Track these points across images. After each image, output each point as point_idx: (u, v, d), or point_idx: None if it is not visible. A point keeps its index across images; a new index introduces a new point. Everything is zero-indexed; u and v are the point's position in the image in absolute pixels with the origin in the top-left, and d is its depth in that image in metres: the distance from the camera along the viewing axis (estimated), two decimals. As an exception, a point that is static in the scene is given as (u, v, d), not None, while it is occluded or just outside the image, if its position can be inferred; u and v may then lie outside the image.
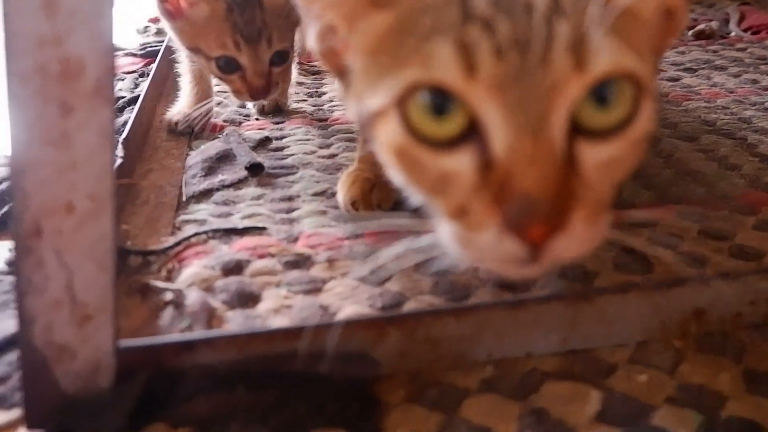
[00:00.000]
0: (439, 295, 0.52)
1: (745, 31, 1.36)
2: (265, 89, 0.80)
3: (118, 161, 0.66)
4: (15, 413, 0.41)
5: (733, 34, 1.36)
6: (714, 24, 1.36)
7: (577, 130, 0.35)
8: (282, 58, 0.81)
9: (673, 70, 1.11)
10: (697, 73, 1.09)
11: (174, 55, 0.93)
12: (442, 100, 0.35)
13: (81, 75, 0.33)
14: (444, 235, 0.37)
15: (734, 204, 0.66)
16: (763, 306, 0.47)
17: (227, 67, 0.78)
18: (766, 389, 0.42)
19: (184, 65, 0.87)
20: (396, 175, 0.40)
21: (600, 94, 0.35)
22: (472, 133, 0.35)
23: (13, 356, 0.46)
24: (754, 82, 1.04)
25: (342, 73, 0.43)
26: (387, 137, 0.37)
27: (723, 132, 0.84)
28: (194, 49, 0.80)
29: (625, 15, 0.35)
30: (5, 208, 0.66)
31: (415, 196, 0.40)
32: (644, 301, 0.45)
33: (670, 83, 1.04)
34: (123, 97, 0.99)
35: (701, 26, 1.35)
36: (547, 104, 0.33)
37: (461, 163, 0.35)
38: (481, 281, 0.54)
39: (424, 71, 0.35)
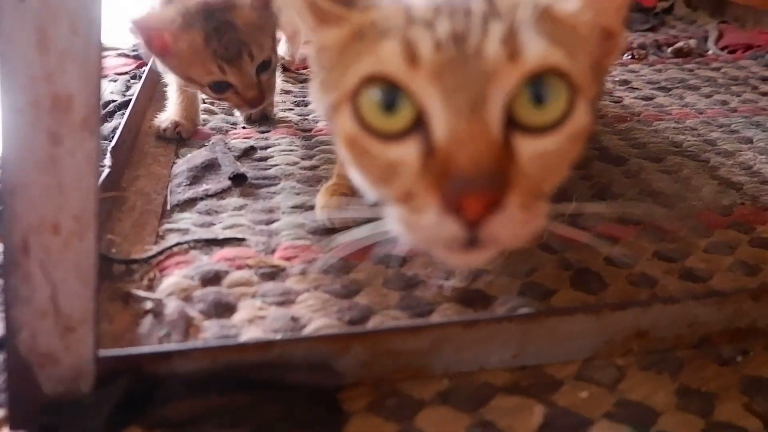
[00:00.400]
0: (405, 310, 0.56)
1: (722, 49, 1.40)
2: (260, 97, 0.84)
3: (106, 171, 0.68)
4: None
5: (710, 52, 1.40)
6: (692, 42, 1.40)
7: (515, 124, 0.38)
8: (266, 65, 0.84)
9: (648, 89, 1.15)
10: (670, 93, 1.13)
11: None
12: (391, 97, 0.39)
13: (70, 109, 0.36)
14: (392, 220, 0.40)
15: (690, 226, 0.70)
16: (700, 328, 0.50)
17: (219, 89, 0.83)
18: (695, 406, 0.46)
19: (171, 76, 0.90)
20: (351, 170, 0.44)
21: (537, 93, 0.38)
22: (418, 126, 0.38)
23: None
24: (724, 103, 1.08)
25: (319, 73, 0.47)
26: (342, 129, 0.41)
27: (688, 153, 0.88)
28: (188, 79, 0.84)
29: (560, 25, 0.40)
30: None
31: (368, 189, 0.43)
32: (591, 322, 0.49)
33: (644, 102, 1.08)
34: (114, 101, 1.02)
35: (680, 44, 1.39)
36: (484, 91, 0.37)
37: (407, 151, 0.38)
38: (445, 297, 0.57)
39: (373, 65, 0.39)
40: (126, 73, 1.20)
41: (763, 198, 0.76)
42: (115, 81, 1.17)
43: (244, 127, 0.95)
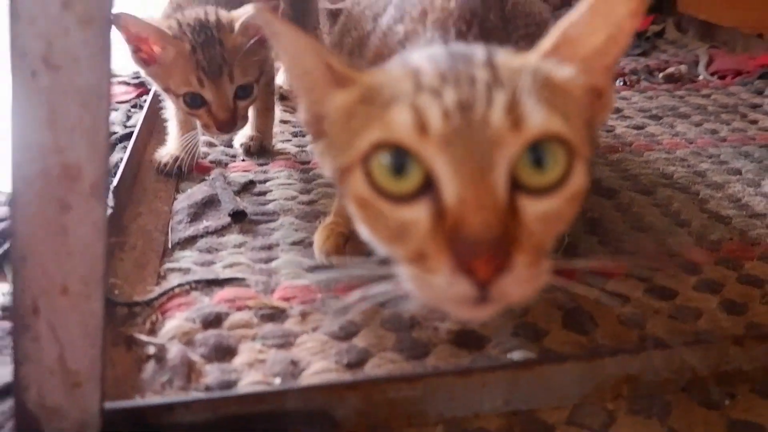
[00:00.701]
0: (401, 352, 0.57)
1: (712, 74, 1.43)
2: (231, 122, 0.84)
3: (108, 211, 0.70)
4: (8, 463, 0.45)
5: (701, 77, 1.42)
6: (683, 68, 1.42)
7: (518, 186, 0.40)
8: (246, 92, 0.85)
9: (640, 117, 1.17)
10: (661, 121, 1.15)
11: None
12: (401, 161, 0.40)
13: (79, 178, 0.37)
14: (404, 279, 0.41)
15: (680, 261, 0.72)
16: (687, 372, 0.52)
17: (193, 103, 0.83)
18: (683, 452, 0.48)
19: (170, 111, 0.92)
20: (362, 228, 0.45)
21: (537, 156, 0.40)
22: (427, 188, 0.40)
23: (6, 405, 0.50)
24: (714, 132, 1.10)
25: (320, 139, 0.49)
26: (353, 190, 0.43)
27: (678, 186, 0.90)
28: (166, 89, 0.85)
29: (557, 91, 0.42)
30: (0, 251, 0.70)
31: (379, 246, 0.44)
32: (581, 368, 0.51)
33: (635, 131, 1.10)
34: (114, 133, 1.03)
35: (671, 69, 1.42)
36: (490, 158, 0.39)
37: (418, 213, 0.40)
38: (440, 339, 0.59)
39: (384, 132, 0.41)
40: (127, 101, 1.22)
41: (752, 233, 0.78)
42: (116, 110, 1.18)
43: (243, 160, 0.97)
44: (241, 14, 0.84)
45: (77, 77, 0.36)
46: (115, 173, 0.81)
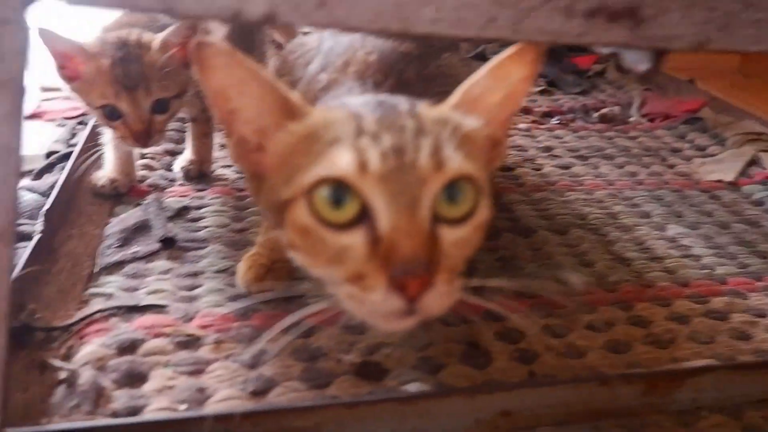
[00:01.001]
0: (305, 381, 0.61)
1: (644, 116, 1.52)
2: (146, 134, 0.87)
3: (37, 237, 0.72)
4: None
5: (633, 118, 1.51)
6: (616, 109, 1.51)
7: (437, 218, 0.47)
8: (163, 106, 0.88)
9: (569, 157, 1.23)
10: (587, 162, 1.22)
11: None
12: (339, 194, 0.47)
13: (-15, 224, 0.41)
14: (340, 297, 0.48)
15: (578, 301, 0.78)
16: (561, 409, 0.58)
17: (111, 115, 0.86)
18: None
19: (107, 135, 0.94)
20: (298, 255, 0.51)
21: (451, 193, 0.48)
22: (363, 217, 0.47)
23: None
24: (633, 175, 1.17)
25: (255, 173, 0.54)
26: (295, 220, 0.48)
27: (590, 227, 0.97)
28: (88, 104, 0.88)
29: (467, 139, 0.51)
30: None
31: (315, 270, 0.50)
32: (463, 403, 0.55)
33: (561, 171, 1.17)
34: (57, 152, 1.05)
35: (605, 110, 1.50)
36: (418, 193, 0.46)
37: (355, 239, 0.46)
38: (343, 370, 0.63)
39: (329, 169, 0.47)
40: (74, 117, 1.24)
41: (648, 275, 0.85)
42: (63, 126, 1.20)
43: (181, 184, 0.99)
44: (162, 34, 0.87)
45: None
46: (49, 194, 0.83)
